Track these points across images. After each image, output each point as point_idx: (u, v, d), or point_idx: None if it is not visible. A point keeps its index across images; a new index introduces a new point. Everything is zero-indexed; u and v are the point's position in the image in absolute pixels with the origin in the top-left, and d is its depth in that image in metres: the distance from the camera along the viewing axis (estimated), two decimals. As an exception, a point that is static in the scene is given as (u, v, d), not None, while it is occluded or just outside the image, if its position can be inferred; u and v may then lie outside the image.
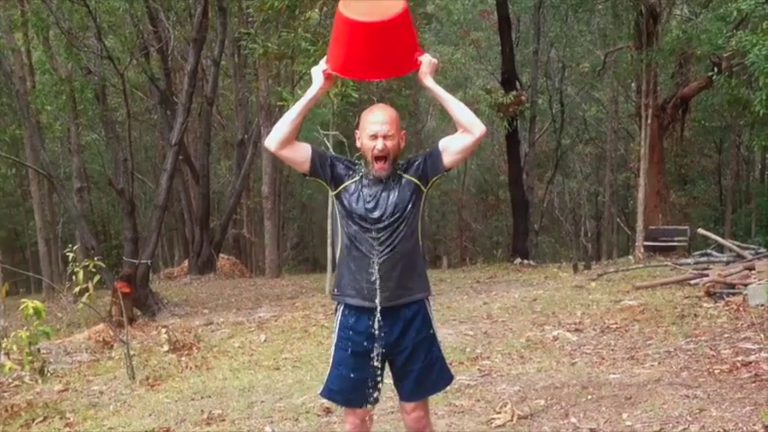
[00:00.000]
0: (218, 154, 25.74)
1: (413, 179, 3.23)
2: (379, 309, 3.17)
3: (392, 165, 3.21)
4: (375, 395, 3.28)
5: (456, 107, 3.20)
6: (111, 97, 19.38)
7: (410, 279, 3.23)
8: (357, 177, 3.24)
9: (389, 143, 3.17)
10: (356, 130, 3.29)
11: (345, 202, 3.23)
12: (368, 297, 3.19)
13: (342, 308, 3.29)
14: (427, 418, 3.40)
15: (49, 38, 16.15)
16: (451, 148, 3.22)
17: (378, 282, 3.16)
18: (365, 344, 3.21)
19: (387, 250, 3.17)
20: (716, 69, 14.12)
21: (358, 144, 3.26)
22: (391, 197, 3.19)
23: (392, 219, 3.17)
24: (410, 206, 3.20)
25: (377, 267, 3.16)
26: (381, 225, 3.17)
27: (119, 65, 13.87)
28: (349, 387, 3.25)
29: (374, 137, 3.17)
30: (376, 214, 3.17)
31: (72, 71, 15.93)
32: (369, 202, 3.19)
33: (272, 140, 3.20)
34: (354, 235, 3.20)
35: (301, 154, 3.24)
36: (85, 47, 14.46)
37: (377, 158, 3.18)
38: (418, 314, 3.26)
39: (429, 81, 3.17)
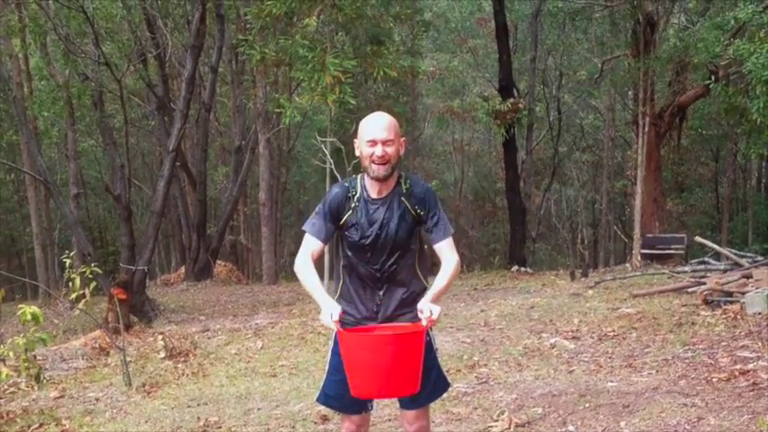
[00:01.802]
0: (216, 160, 25.71)
1: (412, 210, 3.20)
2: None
3: (392, 169, 3.16)
4: (371, 402, 3.27)
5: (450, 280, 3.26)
6: (108, 103, 19.37)
7: (409, 303, 3.22)
8: (353, 204, 3.20)
9: (389, 149, 3.12)
10: (355, 140, 3.24)
11: (345, 233, 3.22)
12: (366, 317, 3.23)
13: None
14: (428, 429, 3.38)
15: (46, 44, 16.14)
16: (434, 247, 3.26)
17: (376, 306, 3.21)
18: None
19: (386, 277, 3.19)
20: (713, 78, 14.12)
21: (357, 153, 3.22)
22: (391, 224, 3.16)
23: (391, 246, 3.17)
24: (408, 234, 3.20)
25: (375, 293, 3.21)
26: (381, 255, 3.18)
27: (116, 71, 13.85)
28: (345, 393, 3.22)
29: (373, 143, 3.12)
30: (376, 243, 3.17)
31: (69, 77, 15.90)
32: (367, 230, 3.17)
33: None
34: (354, 262, 3.22)
35: (321, 250, 3.25)
36: (83, 53, 14.46)
37: (376, 164, 3.16)
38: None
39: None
